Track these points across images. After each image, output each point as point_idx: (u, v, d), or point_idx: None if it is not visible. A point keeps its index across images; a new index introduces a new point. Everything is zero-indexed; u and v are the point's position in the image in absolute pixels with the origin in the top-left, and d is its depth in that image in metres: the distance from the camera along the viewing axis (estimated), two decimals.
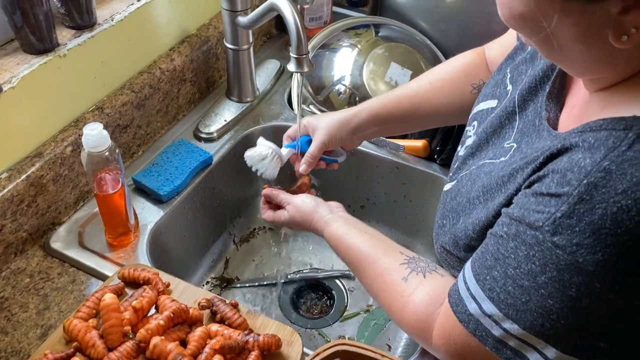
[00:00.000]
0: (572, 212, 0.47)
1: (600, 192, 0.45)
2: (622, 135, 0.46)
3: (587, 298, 0.48)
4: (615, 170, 0.45)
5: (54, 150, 0.86)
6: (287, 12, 0.82)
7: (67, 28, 0.90)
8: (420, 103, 0.89)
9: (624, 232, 0.45)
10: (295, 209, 0.86)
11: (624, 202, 0.44)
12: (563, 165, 0.49)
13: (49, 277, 0.85)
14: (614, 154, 0.46)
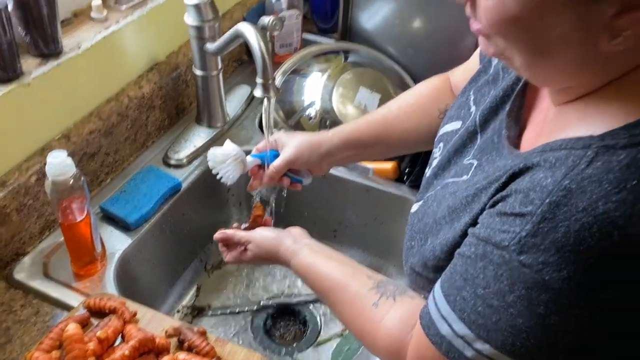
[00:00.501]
0: (536, 231, 0.48)
1: (562, 210, 0.46)
2: (581, 154, 0.47)
3: (555, 315, 0.48)
4: (576, 189, 0.46)
5: (17, 180, 0.85)
6: (252, 38, 0.83)
7: (33, 57, 0.89)
8: (391, 128, 0.90)
9: (587, 249, 0.45)
10: (257, 246, 0.84)
11: (585, 219, 0.45)
12: (525, 185, 0.50)
13: (12, 310, 0.82)
14: (573, 172, 0.47)
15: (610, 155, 0.46)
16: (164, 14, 1.08)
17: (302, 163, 0.90)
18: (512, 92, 0.66)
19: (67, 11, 0.98)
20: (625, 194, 0.44)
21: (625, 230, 0.44)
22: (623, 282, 0.45)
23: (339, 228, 1.17)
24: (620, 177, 0.44)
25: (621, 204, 0.44)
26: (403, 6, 1.25)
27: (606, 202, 0.44)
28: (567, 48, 0.49)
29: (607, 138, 0.47)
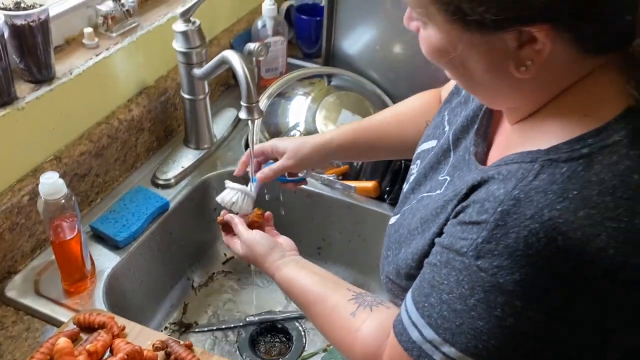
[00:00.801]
0: (490, 238, 0.52)
1: (512, 218, 0.50)
2: (529, 167, 0.52)
3: (511, 317, 0.52)
4: (524, 198, 0.50)
5: (10, 200, 0.88)
6: (236, 64, 0.87)
7: (26, 82, 0.93)
8: (387, 136, 0.96)
9: (535, 253, 0.49)
10: (248, 249, 0.88)
11: (532, 226, 0.49)
12: (482, 196, 0.54)
13: (3, 326, 0.85)
14: (522, 183, 0.51)
15: (554, 168, 0.50)
16: (153, 40, 1.13)
17: (304, 166, 0.96)
18: (480, 112, 0.71)
19: (60, 38, 1.03)
20: (568, 203, 0.48)
21: (567, 235, 0.48)
22: (568, 283, 0.49)
23: (323, 245, 1.21)
24: (563, 188, 0.49)
25: (564, 212, 0.48)
26: (383, 32, 1.30)
27: (551, 210, 0.48)
28: (487, 74, 0.55)
29: (552, 153, 0.51)
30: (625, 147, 0.50)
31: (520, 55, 0.51)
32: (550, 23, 0.49)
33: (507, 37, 0.50)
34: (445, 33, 0.54)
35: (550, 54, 0.50)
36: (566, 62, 0.52)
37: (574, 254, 0.48)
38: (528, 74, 0.52)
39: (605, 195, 0.49)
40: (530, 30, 0.49)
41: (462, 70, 0.57)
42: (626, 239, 0.48)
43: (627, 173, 0.49)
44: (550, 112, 0.55)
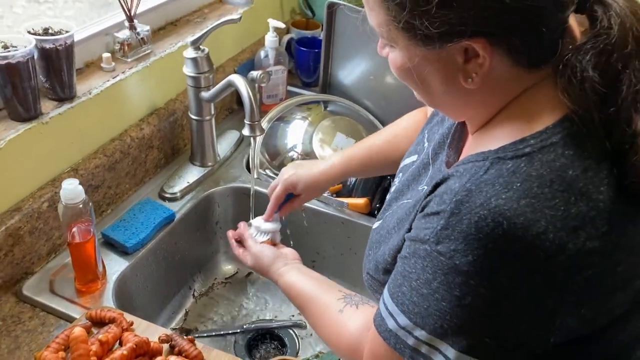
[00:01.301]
0: (447, 224, 0.59)
1: (465, 206, 0.58)
2: (481, 164, 0.60)
3: (468, 296, 0.59)
4: (475, 189, 0.58)
5: (31, 205, 0.97)
6: (241, 86, 0.97)
7: (50, 100, 1.03)
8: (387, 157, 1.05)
9: (485, 236, 0.56)
10: (256, 259, 0.98)
11: (481, 212, 0.57)
12: (442, 190, 0.63)
13: (20, 321, 0.92)
14: (474, 178, 0.59)
15: (501, 164, 0.59)
16: (164, 66, 1.23)
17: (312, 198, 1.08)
18: (452, 128, 0.80)
19: (81, 62, 1.13)
20: (512, 193, 0.57)
21: (511, 220, 0.56)
22: (514, 264, 0.57)
23: (317, 258, 1.29)
24: (508, 181, 0.57)
25: (508, 200, 0.56)
26: (376, 64, 1.41)
27: (497, 199, 0.57)
28: (443, 87, 0.64)
29: (500, 152, 0.60)
30: (561, 147, 0.58)
31: (467, 69, 0.60)
32: (485, 37, 0.58)
33: (454, 52, 0.59)
34: (406, 51, 0.63)
35: (490, 67, 0.59)
36: (506, 74, 0.61)
37: (518, 237, 0.56)
38: (474, 85, 0.61)
39: (544, 187, 0.57)
40: (470, 44, 0.58)
41: (423, 86, 0.66)
42: (563, 226, 0.56)
43: (562, 169, 0.57)
44: (500, 120, 0.65)
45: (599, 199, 0.58)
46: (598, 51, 0.56)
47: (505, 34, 0.57)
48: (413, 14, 0.58)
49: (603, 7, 0.57)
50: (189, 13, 1.43)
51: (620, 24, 0.56)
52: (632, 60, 0.57)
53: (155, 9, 1.31)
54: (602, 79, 0.56)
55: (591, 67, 0.56)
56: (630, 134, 0.58)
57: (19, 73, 0.92)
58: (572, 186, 0.57)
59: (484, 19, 0.56)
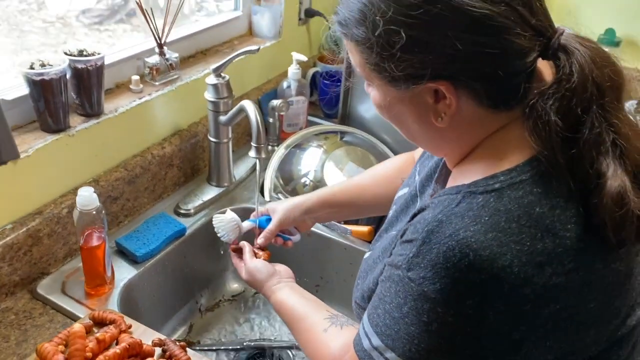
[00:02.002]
0: (419, 252, 0.62)
1: (435, 236, 0.61)
2: (453, 197, 0.63)
3: (435, 322, 0.61)
4: (445, 220, 0.61)
5: (52, 211, 1.05)
6: (250, 111, 1.04)
7: (79, 115, 1.12)
8: (363, 193, 1.09)
9: (452, 266, 0.59)
10: (250, 275, 1.02)
11: (449, 242, 0.59)
12: (417, 220, 0.66)
13: (31, 316, 0.99)
14: (446, 209, 0.62)
15: (472, 198, 0.62)
16: (190, 91, 1.32)
17: (290, 222, 1.09)
18: (440, 163, 0.84)
19: (111, 82, 1.22)
20: (480, 226, 0.59)
21: (478, 252, 0.58)
22: (480, 294, 0.59)
23: (321, 283, 1.32)
24: (477, 214, 0.60)
25: (476, 233, 0.59)
26: None
27: (465, 230, 0.59)
28: (416, 125, 0.68)
29: (472, 186, 0.63)
30: (529, 185, 0.61)
31: (437, 108, 0.65)
32: (448, 80, 0.62)
33: (424, 93, 0.64)
34: (381, 91, 0.68)
35: (458, 107, 0.63)
36: (473, 115, 0.64)
37: (483, 268, 0.58)
38: (444, 124, 0.65)
39: (511, 222, 0.59)
40: (434, 86, 0.62)
41: (399, 123, 0.71)
42: (528, 260, 0.58)
43: (530, 206, 0.60)
44: (474, 157, 0.68)
45: (566, 236, 0.60)
46: (560, 96, 0.60)
47: (466, 78, 0.62)
48: (382, 57, 0.63)
49: (566, 54, 0.61)
50: (219, 44, 1.53)
51: (580, 70, 0.59)
52: (592, 105, 0.60)
53: (187, 38, 1.41)
54: (564, 123, 0.59)
55: (553, 112, 0.59)
56: (594, 175, 0.60)
57: (52, 89, 1.01)
58: (539, 223, 0.60)
59: (444, 64, 0.61)
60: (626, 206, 0.58)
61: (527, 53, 0.60)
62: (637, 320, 0.68)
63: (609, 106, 0.60)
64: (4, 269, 0.98)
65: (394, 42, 0.61)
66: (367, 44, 0.63)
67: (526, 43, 0.60)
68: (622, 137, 0.61)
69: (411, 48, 0.61)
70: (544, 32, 0.61)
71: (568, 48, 0.61)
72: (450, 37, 0.59)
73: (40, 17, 1.30)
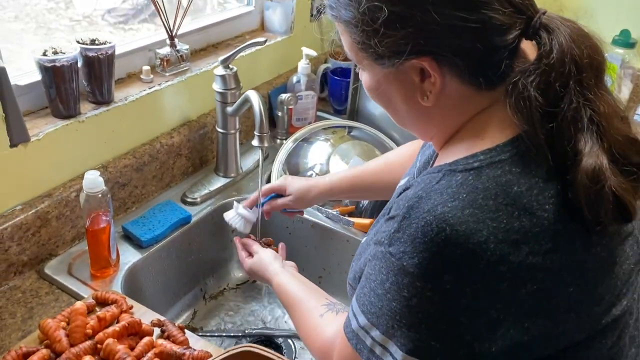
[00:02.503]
0: (399, 228, 0.63)
1: (415, 211, 0.62)
2: (434, 176, 0.65)
3: (414, 297, 0.62)
4: (425, 197, 0.62)
5: (61, 194, 1.08)
6: (254, 101, 1.06)
7: (90, 102, 1.15)
8: (378, 180, 1.11)
9: (429, 240, 0.60)
10: (256, 258, 1.06)
11: (427, 217, 0.60)
12: (400, 197, 0.67)
13: (38, 295, 1.02)
14: (427, 187, 0.64)
15: (451, 176, 0.63)
16: (199, 82, 1.34)
17: (304, 204, 1.14)
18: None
19: (123, 72, 1.26)
20: (457, 203, 0.60)
21: (454, 227, 0.59)
22: (456, 269, 0.60)
23: (323, 274, 1.33)
24: (456, 191, 0.61)
25: (453, 209, 0.60)
26: None
27: (443, 206, 0.60)
28: (405, 105, 0.70)
29: (452, 165, 0.64)
30: (508, 164, 0.62)
31: (423, 87, 0.66)
32: (431, 56, 0.63)
33: (410, 72, 0.65)
34: (370, 72, 0.70)
35: (442, 85, 0.65)
36: (458, 93, 0.66)
37: (459, 243, 0.59)
38: (430, 103, 0.66)
39: (488, 200, 0.60)
40: (418, 62, 0.63)
41: (389, 104, 0.72)
42: (504, 238, 0.59)
43: (508, 184, 0.61)
44: (457, 138, 0.69)
45: (543, 216, 0.60)
46: (540, 72, 0.61)
47: (447, 53, 0.63)
48: (367, 35, 0.65)
49: (547, 32, 0.62)
50: (231, 37, 1.55)
51: (559, 47, 0.60)
52: (570, 81, 0.61)
53: (199, 31, 1.44)
54: (543, 98, 0.60)
55: (534, 87, 0.60)
56: (571, 152, 0.61)
57: (63, 75, 1.05)
58: (516, 201, 0.60)
59: (425, 39, 0.62)
60: (601, 182, 0.59)
61: (507, 30, 0.62)
62: (623, 310, 0.67)
63: (586, 82, 0.61)
64: (12, 249, 1.02)
65: (377, 17, 0.63)
66: (353, 21, 0.66)
67: (506, 19, 0.61)
68: (599, 114, 0.61)
69: (393, 23, 0.62)
70: (524, 10, 0.62)
71: (549, 27, 0.62)
72: (430, 11, 0.61)
73: (67, 16, 1.34)
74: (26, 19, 1.28)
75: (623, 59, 1.71)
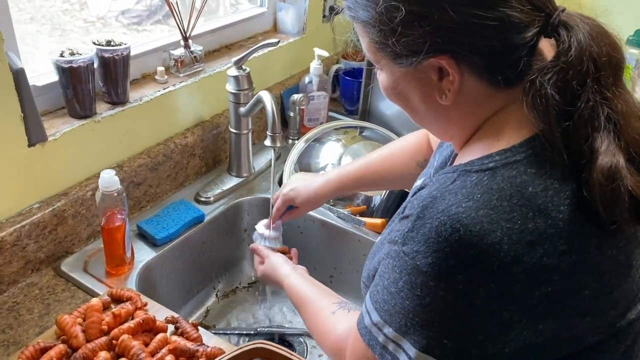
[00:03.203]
0: (413, 227, 0.63)
1: (429, 211, 0.62)
2: (450, 176, 0.65)
3: (428, 296, 0.62)
4: (440, 197, 0.63)
5: (77, 193, 1.10)
6: (267, 101, 1.07)
7: (106, 103, 1.17)
8: (377, 173, 1.12)
9: (443, 240, 0.60)
10: (268, 261, 1.08)
11: (441, 218, 0.61)
12: (415, 197, 0.68)
13: (54, 292, 1.04)
14: (442, 187, 0.64)
15: (466, 176, 0.63)
16: (213, 83, 1.36)
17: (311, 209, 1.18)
18: (453, 152, 0.85)
19: (138, 73, 1.27)
20: (472, 203, 0.60)
21: (468, 227, 0.59)
22: (470, 269, 0.60)
23: (335, 274, 1.34)
24: (470, 192, 0.61)
25: (467, 209, 0.60)
26: None
27: (458, 207, 0.61)
28: (423, 104, 0.70)
29: (468, 165, 0.65)
30: (524, 165, 0.62)
31: (441, 86, 0.66)
32: (449, 55, 0.63)
33: (429, 71, 0.65)
34: (388, 71, 0.70)
35: (460, 83, 0.65)
36: (476, 92, 0.66)
37: (473, 244, 0.59)
38: (448, 101, 0.67)
39: (502, 200, 0.60)
40: (437, 61, 0.64)
41: (407, 104, 0.72)
42: (519, 239, 0.59)
43: (523, 185, 0.61)
44: (475, 139, 0.69)
45: (558, 217, 0.60)
46: (557, 69, 0.61)
47: (465, 51, 0.63)
48: (385, 34, 0.65)
49: (566, 30, 0.62)
50: (244, 39, 1.57)
51: (578, 44, 0.60)
52: (588, 79, 0.61)
53: (213, 32, 1.45)
54: (560, 96, 0.60)
55: (551, 85, 0.60)
56: (588, 151, 0.61)
57: (79, 76, 1.07)
58: (531, 202, 0.60)
59: (443, 37, 0.62)
60: (617, 181, 0.58)
61: (525, 27, 0.61)
62: (638, 314, 0.67)
63: (604, 81, 0.61)
64: (30, 246, 1.04)
65: (394, 17, 0.63)
66: (371, 21, 0.66)
67: (524, 17, 0.61)
68: (616, 112, 0.61)
69: (411, 22, 0.63)
70: (542, 8, 0.62)
71: (568, 24, 0.61)
72: (447, 9, 0.61)
73: (81, 17, 1.37)
74: (42, 21, 1.31)
75: (637, 59, 1.70)
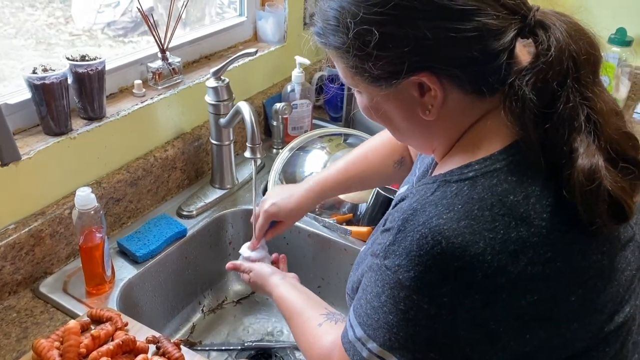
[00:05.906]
0: (394, 240, 0.62)
1: (410, 224, 0.61)
2: (430, 187, 0.63)
3: (412, 310, 0.61)
4: (420, 209, 0.61)
5: (55, 211, 1.07)
6: (245, 112, 1.05)
7: (81, 118, 1.14)
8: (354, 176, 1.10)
9: (425, 253, 0.59)
10: (255, 275, 1.06)
11: (423, 230, 0.59)
12: (396, 209, 0.66)
13: (32, 314, 1.01)
14: (422, 198, 0.62)
15: (446, 187, 0.62)
16: (192, 95, 1.34)
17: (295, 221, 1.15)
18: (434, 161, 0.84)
19: (115, 87, 1.25)
20: (452, 214, 0.59)
21: (450, 239, 0.58)
22: (453, 281, 0.58)
23: (322, 284, 1.32)
24: (451, 202, 0.60)
25: (448, 221, 0.59)
26: None
27: (439, 218, 0.59)
28: (405, 122, 0.68)
29: (447, 175, 0.63)
30: (504, 173, 0.60)
31: (423, 102, 0.64)
32: (429, 71, 0.61)
33: (409, 88, 0.64)
34: (367, 93, 0.68)
35: (444, 97, 0.63)
36: (460, 103, 0.64)
37: (456, 256, 0.58)
38: (432, 116, 0.65)
39: (484, 210, 0.59)
40: (417, 78, 0.62)
41: (390, 123, 0.70)
42: (502, 249, 0.57)
43: (504, 194, 0.59)
44: (456, 148, 0.68)
45: (541, 225, 0.59)
46: (536, 70, 0.59)
47: (445, 66, 0.61)
48: (360, 59, 0.63)
49: (544, 30, 0.60)
50: (224, 49, 1.55)
51: (557, 44, 0.59)
52: (568, 79, 0.59)
53: (191, 43, 1.43)
54: (539, 98, 0.59)
55: (529, 87, 0.59)
56: (567, 152, 0.59)
57: (53, 93, 1.04)
58: (512, 211, 0.59)
59: (421, 55, 0.61)
60: (597, 181, 0.57)
61: (502, 32, 0.60)
62: (625, 317, 0.66)
63: (584, 80, 0.60)
64: (6, 268, 1.01)
65: (368, 41, 0.61)
66: (344, 47, 0.64)
67: (500, 22, 0.60)
68: (596, 112, 0.60)
69: (386, 44, 0.61)
70: (517, 10, 0.61)
71: (545, 23, 0.60)
72: (422, 27, 0.59)
73: (67, 31, 1.35)
74: (26, 35, 1.29)
75: (620, 58, 1.70)
